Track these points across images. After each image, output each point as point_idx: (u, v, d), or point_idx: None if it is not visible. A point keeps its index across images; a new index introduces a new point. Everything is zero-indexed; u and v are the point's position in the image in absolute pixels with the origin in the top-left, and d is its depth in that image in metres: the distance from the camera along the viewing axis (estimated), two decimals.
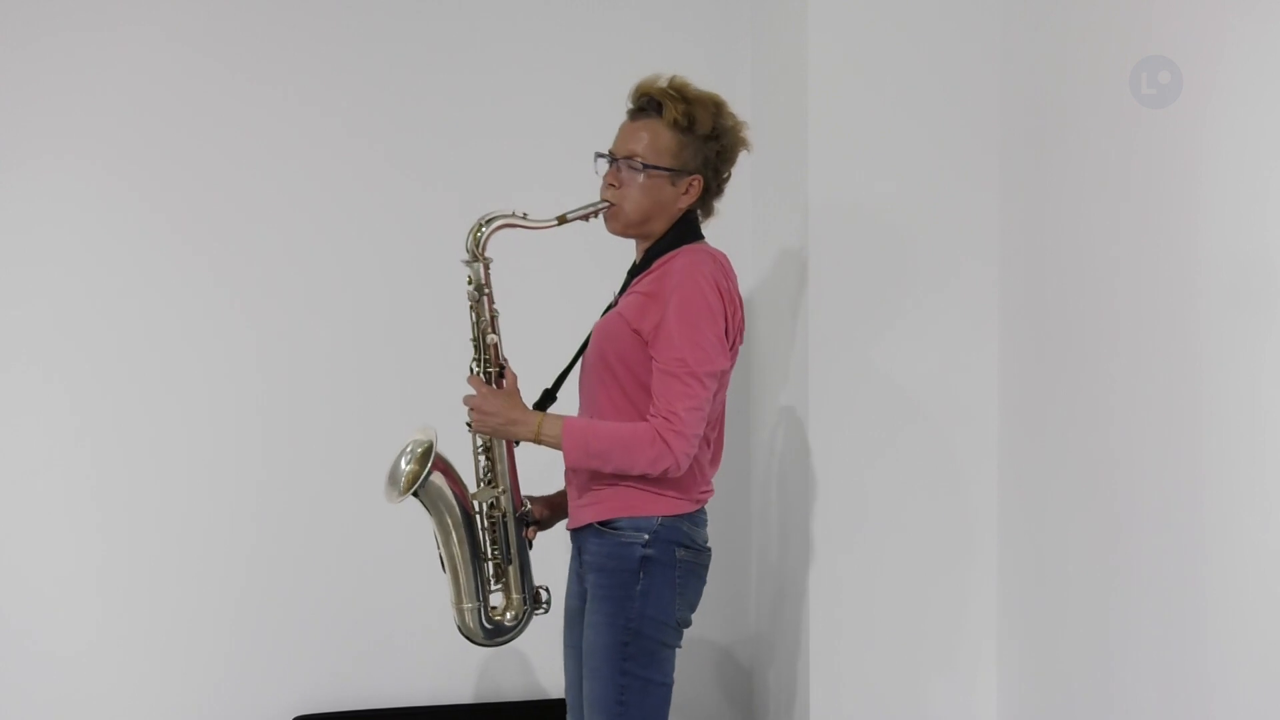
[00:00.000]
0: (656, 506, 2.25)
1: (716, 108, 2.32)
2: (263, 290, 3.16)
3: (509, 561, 2.36)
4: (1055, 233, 2.59)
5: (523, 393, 2.32)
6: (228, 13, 3.13)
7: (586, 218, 2.31)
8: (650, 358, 2.22)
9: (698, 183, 2.31)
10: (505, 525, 2.35)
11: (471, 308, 2.32)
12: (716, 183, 2.36)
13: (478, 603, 2.35)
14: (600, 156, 2.33)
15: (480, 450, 2.35)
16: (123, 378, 3.12)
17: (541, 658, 2.55)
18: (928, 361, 2.84)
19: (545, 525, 2.44)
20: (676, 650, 2.30)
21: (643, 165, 2.27)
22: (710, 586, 2.38)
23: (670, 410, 2.18)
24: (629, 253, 2.40)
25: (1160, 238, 2.21)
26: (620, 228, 2.33)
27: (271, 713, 3.15)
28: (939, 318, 2.84)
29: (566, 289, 3.11)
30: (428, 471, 2.27)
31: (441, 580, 2.37)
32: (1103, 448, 2.40)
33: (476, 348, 2.33)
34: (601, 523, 2.27)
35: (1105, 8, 2.38)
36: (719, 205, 2.40)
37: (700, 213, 2.38)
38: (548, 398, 2.39)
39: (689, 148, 2.29)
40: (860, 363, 2.83)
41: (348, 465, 3.14)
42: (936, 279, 2.84)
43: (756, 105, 3.14)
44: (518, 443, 2.35)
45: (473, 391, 2.30)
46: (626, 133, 2.32)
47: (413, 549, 2.68)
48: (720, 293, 2.23)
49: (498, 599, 2.38)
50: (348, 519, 3.16)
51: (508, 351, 2.34)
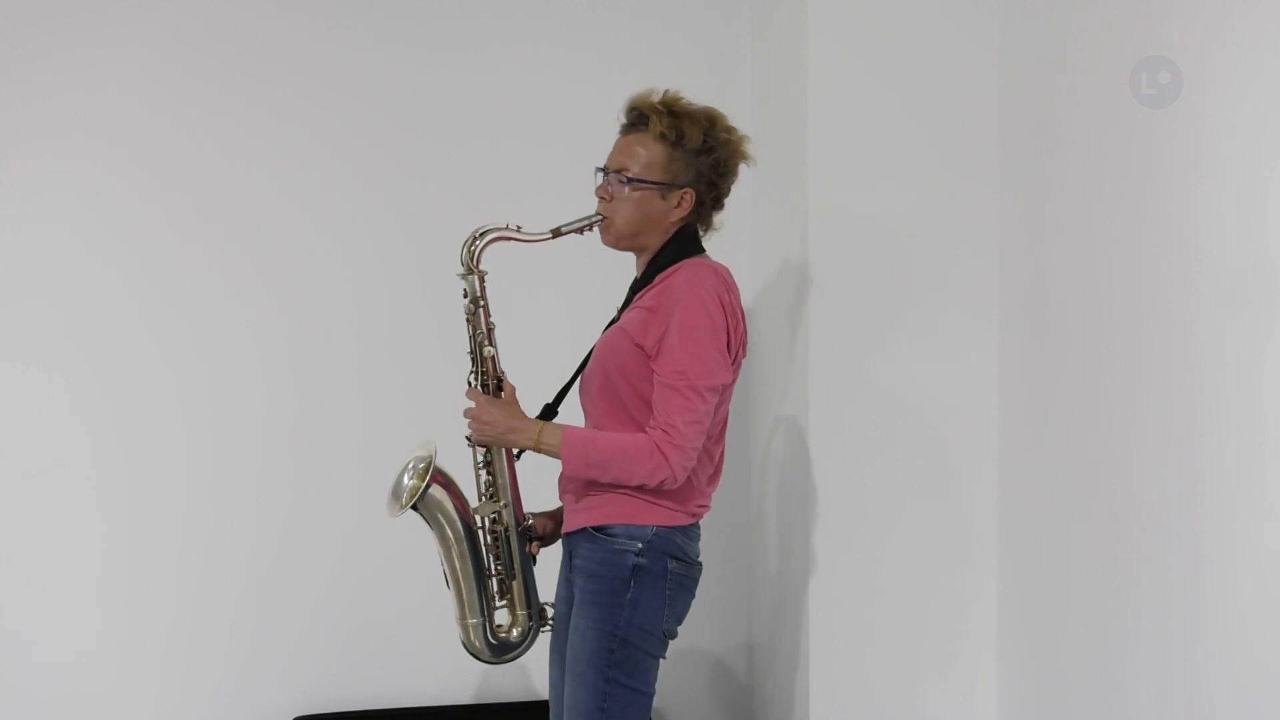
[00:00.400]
0: (651, 516, 2.25)
1: (709, 121, 2.31)
2: (265, 290, 3.17)
3: (512, 577, 2.35)
4: (1056, 238, 2.58)
5: (523, 404, 2.31)
6: (228, 13, 3.15)
7: (580, 231, 2.31)
8: (652, 373, 2.22)
9: (689, 197, 2.30)
10: (508, 540, 2.34)
11: (468, 320, 2.32)
12: (713, 196, 2.35)
13: (482, 618, 2.34)
14: (599, 171, 2.34)
15: (481, 465, 2.35)
16: (124, 378, 3.13)
17: (541, 660, 2.54)
18: (928, 369, 2.83)
19: (548, 540, 2.44)
20: (660, 661, 2.29)
21: (629, 179, 2.28)
22: (709, 595, 2.38)
23: (669, 423, 2.18)
24: (629, 265, 2.40)
25: (1160, 238, 2.20)
26: (613, 241, 2.34)
27: (272, 713, 3.15)
28: (939, 325, 2.83)
29: (567, 302, 3.12)
30: (426, 485, 2.27)
31: (442, 583, 2.36)
32: (1103, 452, 2.39)
33: (474, 360, 2.33)
34: (595, 528, 2.26)
35: (1105, 8, 2.38)
36: (720, 219, 2.39)
37: (700, 226, 2.37)
38: (549, 412, 2.39)
39: (678, 161, 2.28)
40: (860, 369, 2.82)
41: (349, 466, 3.15)
42: (936, 286, 2.83)
43: (756, 108, 3.15)
44: (519, 455, 2.36)
45: (471, 405, 2.29)
46: (618, 147, 2.33)
47: (413, 551, 2.68)
48: (722, 306, 2.23)
49: (503, 616, 2.38)
50: (348, 520, 3.16)
51: (508, 364, 2.34)
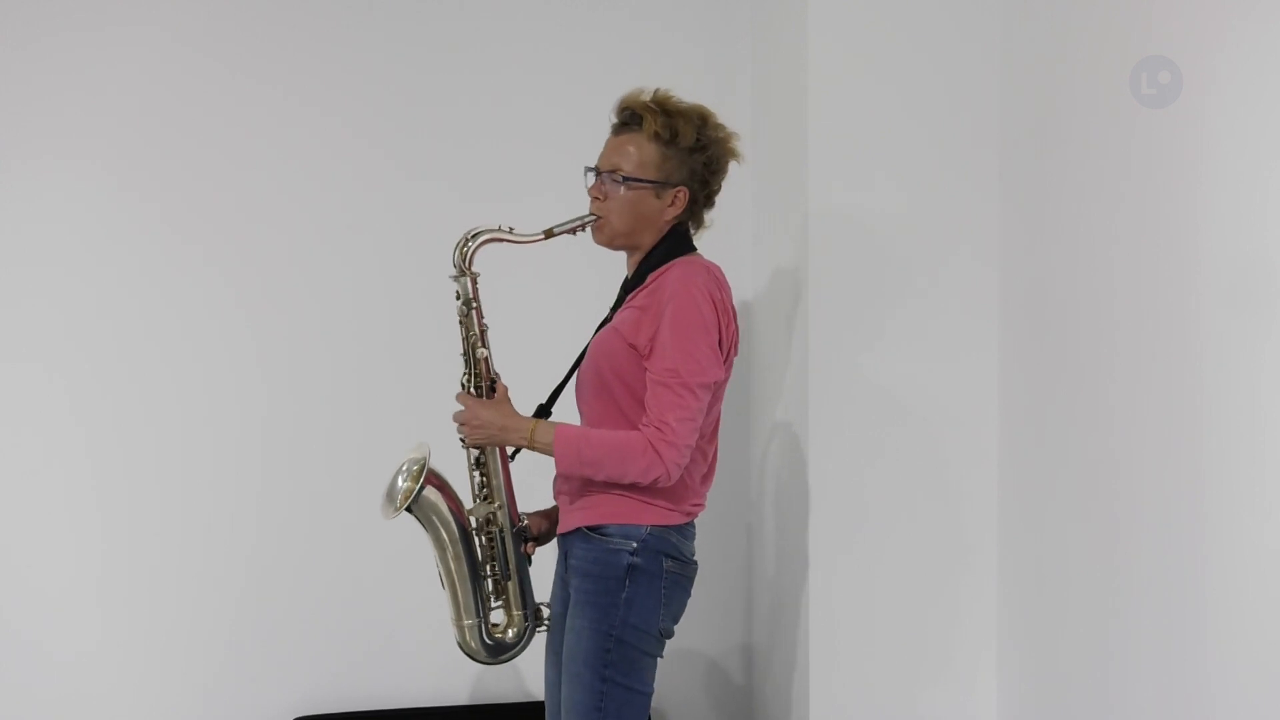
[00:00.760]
0: (646, 515, 2.25)
1: (701, 119, 2.31)
2: (263, 291, 3.17)
3: (508, 577, 2.35)
4: (1056, 239, 2.58)
5: (518, 408, 2.31)
6: (228, 13, 3.14)
7: (573, 231, 2.31)
8: (645, 372, 2.22)
9: (683, 195, 2.30)
10: (503, 540, 2.34)
11: (461, 322, 2.32)
12: (704, 194, 2.35)
13: (477, 619, 2.34)
14: (589, 170, 2.34)
15: (475, 466, 2.35)
16: (124, 378, 3.13)
17: (540, 660, 2.55)
18: (927, 369, 2.83)
19: (543, 540, 2.43)
20: (658, 660, 2.29)
21: (623, 178, 2.27)
22: (708, 596, 2.38)
23: (662, 420, 2.17)
24: (622, 264, 2.40)
25: (1160, 238, 2.20)
26: (606, 240, 2.33)
27: (272, 713, 3.15)
28: (938, 325, 2.83)
29: (560, 302, 3.11)
30: (420, 487, 2.27)
31: (445, 606, 2.36)
32: (1102, 452, 2.39)
33: (467, 362, 2.33)
34: (590, 527, 2.26)
35: (1105, 8, 2.38)
36: (711, 217, 2.40)
37: (691, 225, 2.37)
38: (542, 412, 2.39)
39: (672, 160, 2.28)
40: (859, 368, 2.82)
41: (348, 467, 3.14)
42: (936, 286, 2.83)
43: (756, 109, 3.14)
44: (513, 456, 2.36)
45: (460, 409, 2.29)
46: (610, 147, 2.33)
47: (412, 552, 2.67)
48: (714, 304, 2.23)
49: (498, 616, 2.38)
50: (348, 520, 3.16)
51: (501, 365, 2.33)
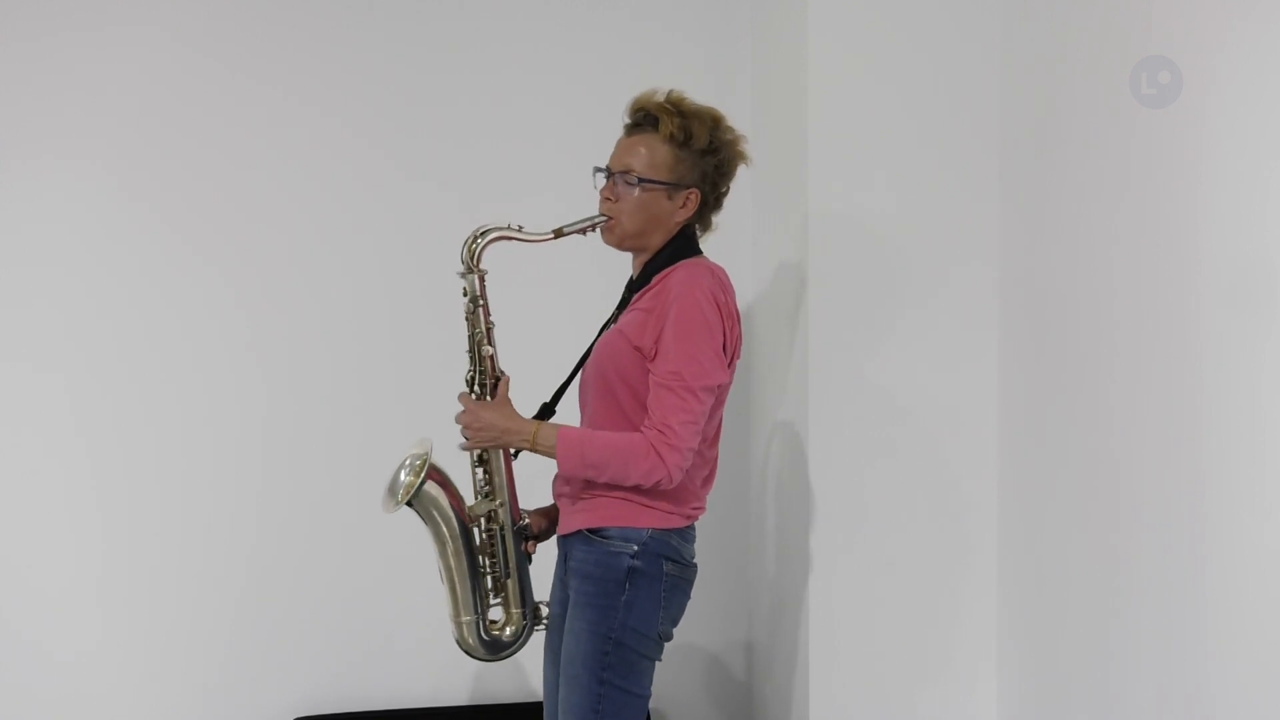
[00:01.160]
0: (647, 518, 2.24)
1: (714, 122, 2.31)
2: (264, 291, 3.18)
3: (507, 575, 2.35)
4: (1055, 240, 2.57)
5: (521, 407, 2.31)
6: (228, 13, 3.15)
7: (583, 231, 2.30)
8: (649, 374, 2.22)
9: (694, 197, 2.30)
10: (503, 538, 2.34)
11: (467, 319, 2.32)
12: (714, 197, 2.35)
13: (475, 616, 2.34)
14: (598, 171, 2.33)
15: (477, 463, 2.34)
16: (124, 379, 3.14)
17: (539, 660, 2.55)
18: (927, 370, 2.83)
19: (543, 538, 2.43)
20: (656, 664, 2.29)
21: (638, 180, 2.27)
22: (708, 594, 2.38)
23: (664, 423, 2.17)
24: (627, 265, 2.40)
25: (1160, 239, 2.19)
26: (616, 241, 2.33)
27: (272, 713, 3.16)
28: (938, 326, 2.83)
29: (563, 302, 3.12)
30: (421, 481, 2.27)
31: (444, 601, 2.36)
32: (1102, 453, 2.38)
33: (471, 360, 2.33)
34: (591, 530, 2.26)
35: (1105, 8, 2.38)
36: (717, 220, 2.40)
37: (698, 227, 2.37)
38: (546, 412, 2.39)
39: (685, 162, 2.28)
40: (859, 369, 2.82)
41: (349, 467, 3.15)
42: (936, 287, 2.83)
43: (756, 109, 3.14)
44: (515, 455, 2.36)
45: (461, 410, 2.29)
46: (623, 147, 2.32)
47: (412, 552, 2.67)
48: (718, 306, 2.22)
49: (497, 613, 2.37)
50: (348, 521, 3.16)
51: (505, 364, 2.33)
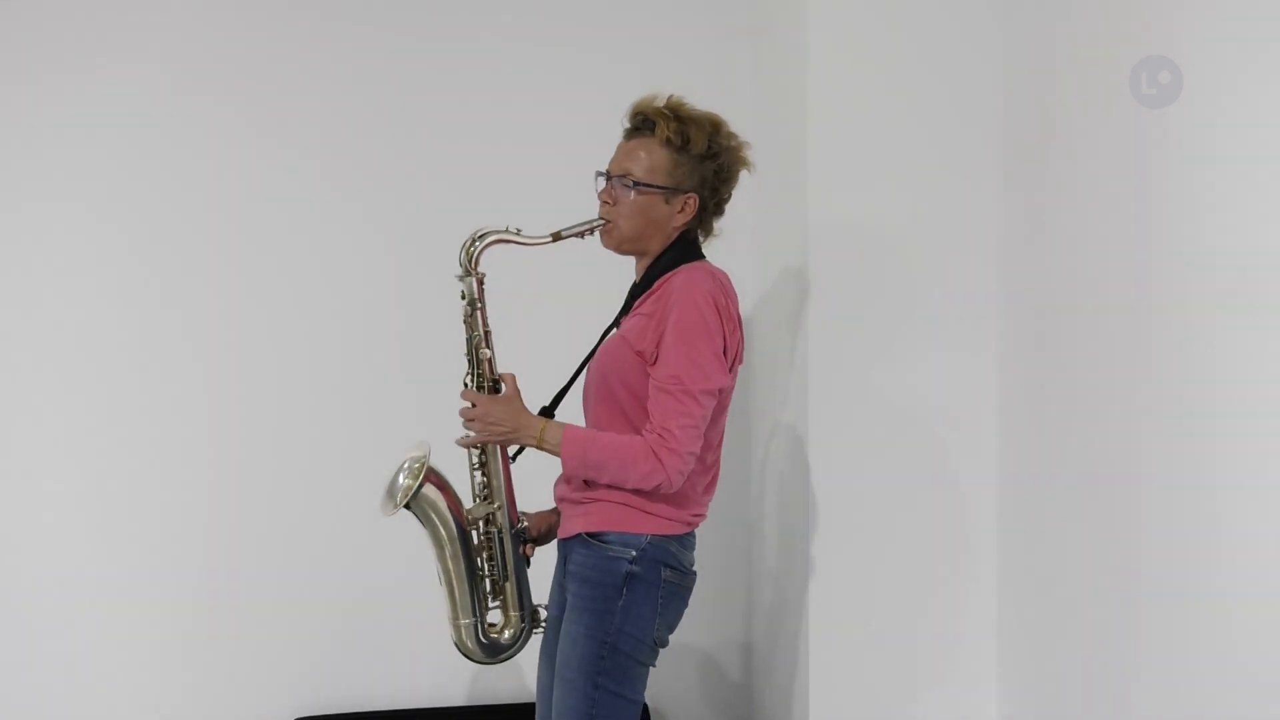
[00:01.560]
0: (647, 524, 2.24)
1: (714, 127, 2.31)
2: (271, 293, 3.18)
3: (505, 578, 2.35)
4: (1056, 241, 2.57)
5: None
6: (230, 12, 3.14)
7: (581, 235, 2.30)
8: (649, 378, 2.22)
9: (693, 201, 2.30)
10: (501, 541, 2.34)
11: (465, 322, 2.32)
12: (715, 202, 2.35)
13: (474, 618, 2.34)
14: (600, 175, 2.34)
15: (476, 465, 2.35)
16: (129, 379, 3.14)
17: (538, 660, 2.56)
18: (928, 373, 2.83)
19: (542, 541, 2.44)
20: (650, 669, 2.29)
21: (634, 183, 2.27)
22: (708, 597, 2.39)
23: (664, 427, 2.18)
24: (627, 269, 2.40)
25: (1160, 241, 2.19)
26: (614, 245, 2.33)
27: (272, 713, 3.15)
28: (939, 328, 2.83)
29: (563, 305, 3.12)
30: (419, 484, 2.27)
31: (442, 604, 2.36)
32: (1102, 455, 2.38)
33: (469, 362, 2.33)
34: (590, 534, 2.26)
35: (1105, 8, 2.38)
36: (720, 225, 2.40)
37: (700, 232, 2.37)
38: (544, 415, 2.38)
39: (683, 166, 2.29)
40: (860, 373, 2.82)
41: (350, 468, 3.14)
42: (937, 290, 2.82)
43: (756, 109, 3.14)
44: (514, 457, 2.36)
45: (465, 404, 2.28)
46: (622, 151, 2.33)
47: (413, 554, 2.67)
48: (718, 310, 2.22)
49: (496, 616, 2.38)
50: (349, 522, 3.16)
51: (503, 366, 2.33)
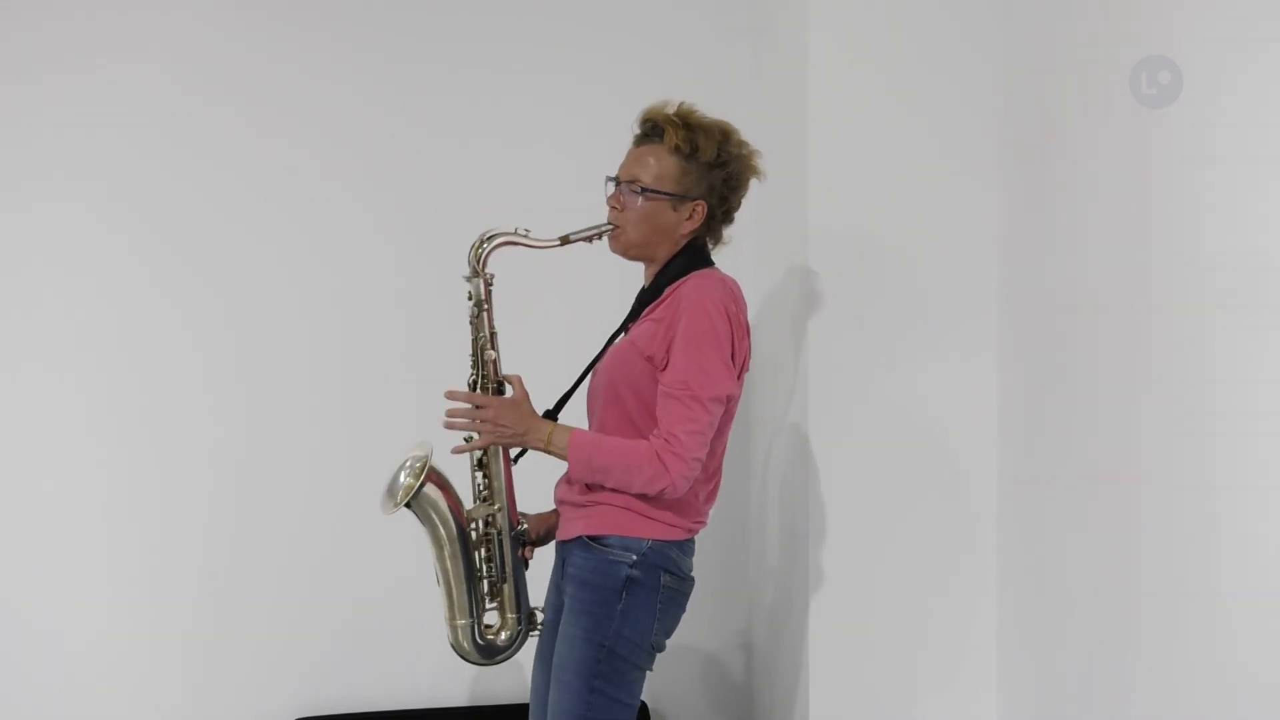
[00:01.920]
0: (648, 529, 2.25)
1: (723, 135, 2.32)
2: (275, 294, 3.19)
3: (504, 579, 2.35)
4: (1056, 242, 2.57)
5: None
6: (233, 13, 3.14)
7: (589, 239, 2.31)
8: (657, 384, 2.22)
9: (701, 209, 2.31)
10: (500, 542, 2.34)
11: (471, 323, 2.32)
12: (723, 210, 2.36)
13: (470, 619, 2.33)
14: (609, 180, 2.34)
15: (476, 466, 2.35)
16: (129, 379, 3.15)
17: (533, 662, 2.56)
18: (928, 377, 2.83)
19: (541, 543, 2.44)
20: (646, 674, 2.29)
21: (642, 189, 2.28)
22: (709, 598, 2.39)
23: (670, 432, 2.18)
24: (634, 273, 2.40)
25: (1161, 241, 2.19)
26: (622, 250, 2.34)
27: (272, 713, 3.16)
28: (939, 330, 2.83)
29: (566, 308, 3.12)
30: (420, 484, 2.27)
31: (439, 604, 2.36)
32: (1102, 455, 2.38)
33: (474, 364, 2.33)
34: (591, 537, 2.26)
35: (1106, 8, 2.37)
36: (729, 233, 2.41)
37: (709, 240, 2.38)
38: (549, 418, 2.37)
39: (691, 174, 2.29)
40: (860, 374, 2.82)
41: (351, 469, 3.14)
42: (937, 291, 2.83)
43: (757, 109, 3.14)
44: (516, 459, 2.36)
45: (454, 405, 2.28)
46: (631, 158, 2.34)
47: (413, 554, 2.67)
48: (728, 318, 2.23)
49: (492, 618, 2.38)
50: (350, 523, 3.16)
51: (509, 368, 2.33)
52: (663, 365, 2.21)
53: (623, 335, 2.37)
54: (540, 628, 2.39)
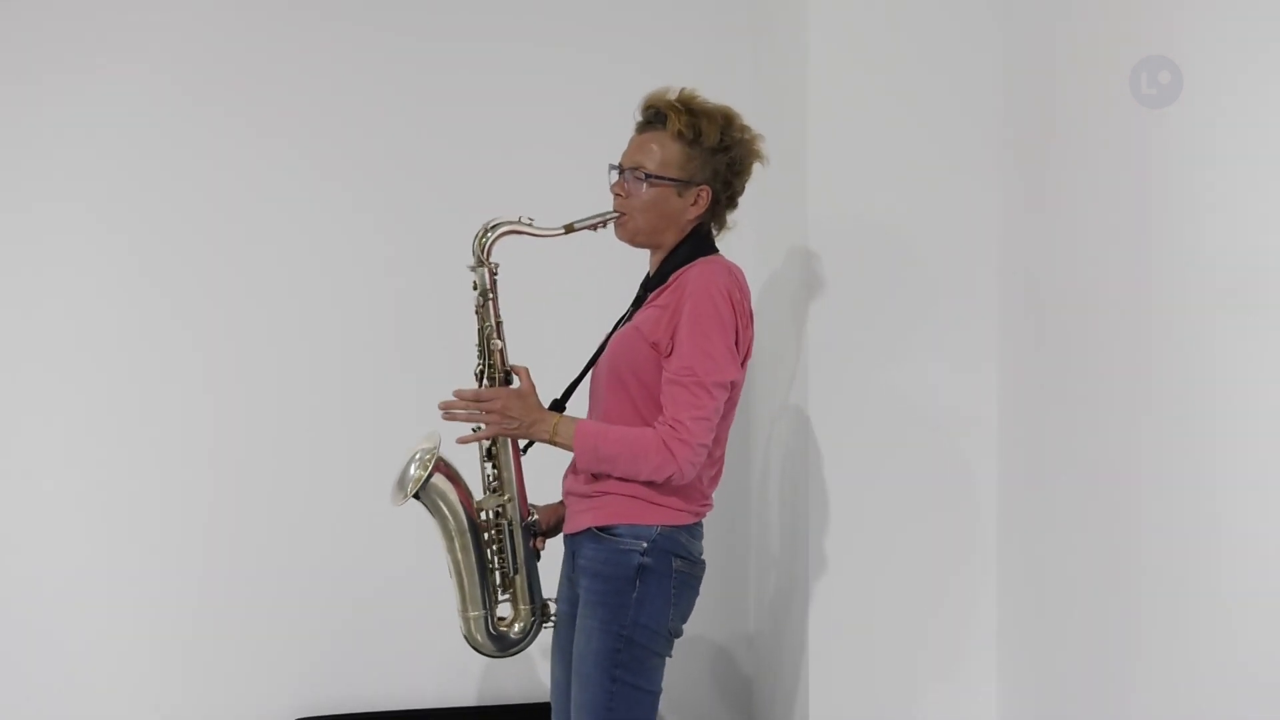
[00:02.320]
0: (656, 516, 2.25)
1: (726, 120, 2.32)
2: (275, 292, 3.19)
3: (515, 571, 2.35)
4: (1056, 239, 2.57)
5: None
6: (233, 13, 3.14)
7: (594, 227, 2.31)
8: (662, 371, 2.22)
9: (705, 194, 2.31)
10: (511, 534, 2.35)
11: (477, 312, 2.32)
12: (727, 195, 2.36)
13: (483, 611, 2.33)
14: (612, 168, 2.34)
15: (485, 458, 2.35)
16: (129, 378, 3.15)
17: (542, 660, 2.55)
18: (929, 368, 2.83)
19: (552, 534, 2.44)
20: (667, 660, 2.29)
21: (645, 176, 2.28)
22: (710, 589, 2.38)
23: (676, 419, 2.18)
24: (639, 261, 2.40)
25: (1160, 239, 2.19)
26: (628, 237, 2.34)
27: (272, 713, 3.15)
28: (939, 325, 2.83)
29: (573, 297, 3.12)
30: (429, 474, 2.27)
31: (445, 583, 2.36)
32: (1102, 453, 2.38)
33: (481, 354, 2.33)
34: (599, 528, 2.26)
35: (1106, 8, 2.38)
36: (734, 218, 2.40)
37: (713, 225, 2.38)
38: (556, 408, 2.38)
39: (695, 159, 2.29)
40: (861, 367, 2.82)
41: (352, 468, 3.15)
42: (937, 288, 2.83)
43: (757, 109, 3.13)
44: (525, 450, 2.36)
45: (452, 396, 2.28)
46: (634, 145, 2.34)
47: (416, 553, 2.68)
48: (732, 304, 2.23)
49: (506, 609, 2.37)
50: (351, 522, 3.17)
51: (515, 358, 2.34)
52: (667, 352, 2.21)
53: (627, 322, 2.37)
54: (554, 619, 2.39)
